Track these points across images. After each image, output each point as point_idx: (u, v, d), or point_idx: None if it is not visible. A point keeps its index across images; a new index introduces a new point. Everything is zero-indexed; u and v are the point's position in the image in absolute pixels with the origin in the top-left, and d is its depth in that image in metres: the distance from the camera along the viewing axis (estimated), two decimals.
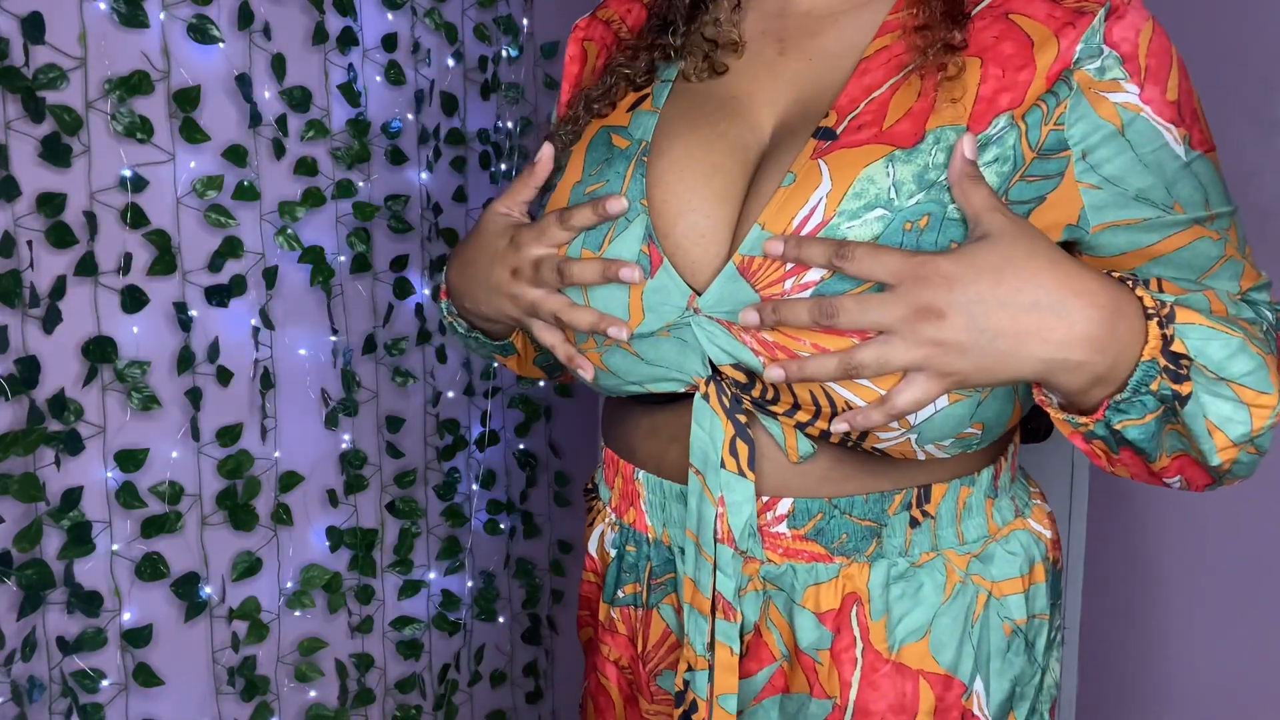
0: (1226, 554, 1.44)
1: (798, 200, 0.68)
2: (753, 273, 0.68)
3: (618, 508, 0.84)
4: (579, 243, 0.75)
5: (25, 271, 1.21)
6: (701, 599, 0.74)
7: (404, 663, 1.76)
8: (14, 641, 1.24)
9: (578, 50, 0.89)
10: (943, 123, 0.68)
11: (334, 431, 1.59)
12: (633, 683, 0.85)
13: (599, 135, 0.78)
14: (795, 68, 0.76)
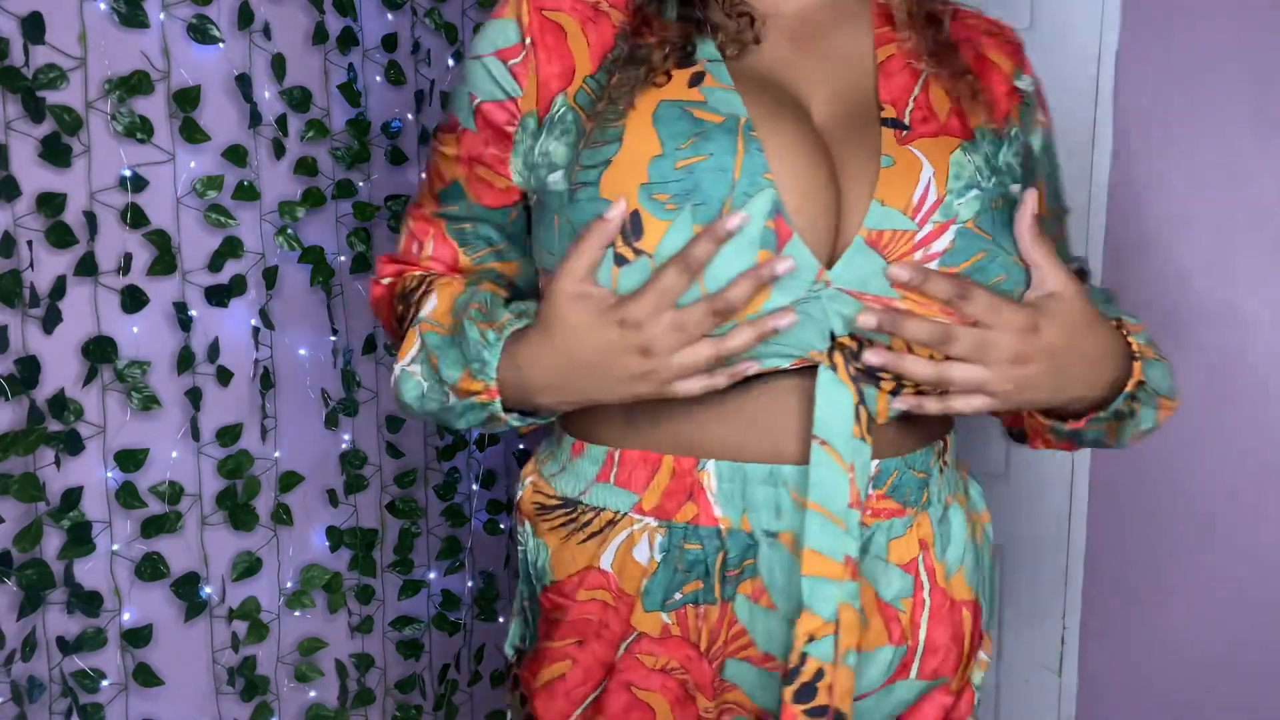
0: (1226, 554, 1.44)
1: (909, 179, 0.75)
2: (883, 246, 0.74)
3: (659, 509, 0.79)
4: (686, 218, 0.72)
5: (25, 271, 1.21)
6: (831, 565, 0.74)
7: (404, 663, 1.76)
8: (14, 641, 1.24)
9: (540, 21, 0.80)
10: (979, 122, 0.81)
11: (334, 431, 1.59)
12: (686, 684, 0.82)
13: (668, 109, 0.76)
14: (815, 65, 0.81)
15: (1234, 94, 1.37)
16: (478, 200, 0.87)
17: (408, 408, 0.85)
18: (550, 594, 0.87)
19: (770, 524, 0.78)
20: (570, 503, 0.85)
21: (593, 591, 0.83)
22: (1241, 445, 1.41)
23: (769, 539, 0.78)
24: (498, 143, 0.84)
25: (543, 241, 0.83)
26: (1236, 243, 1.39)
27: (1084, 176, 1.48)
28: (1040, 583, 1.58)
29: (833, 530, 0.74)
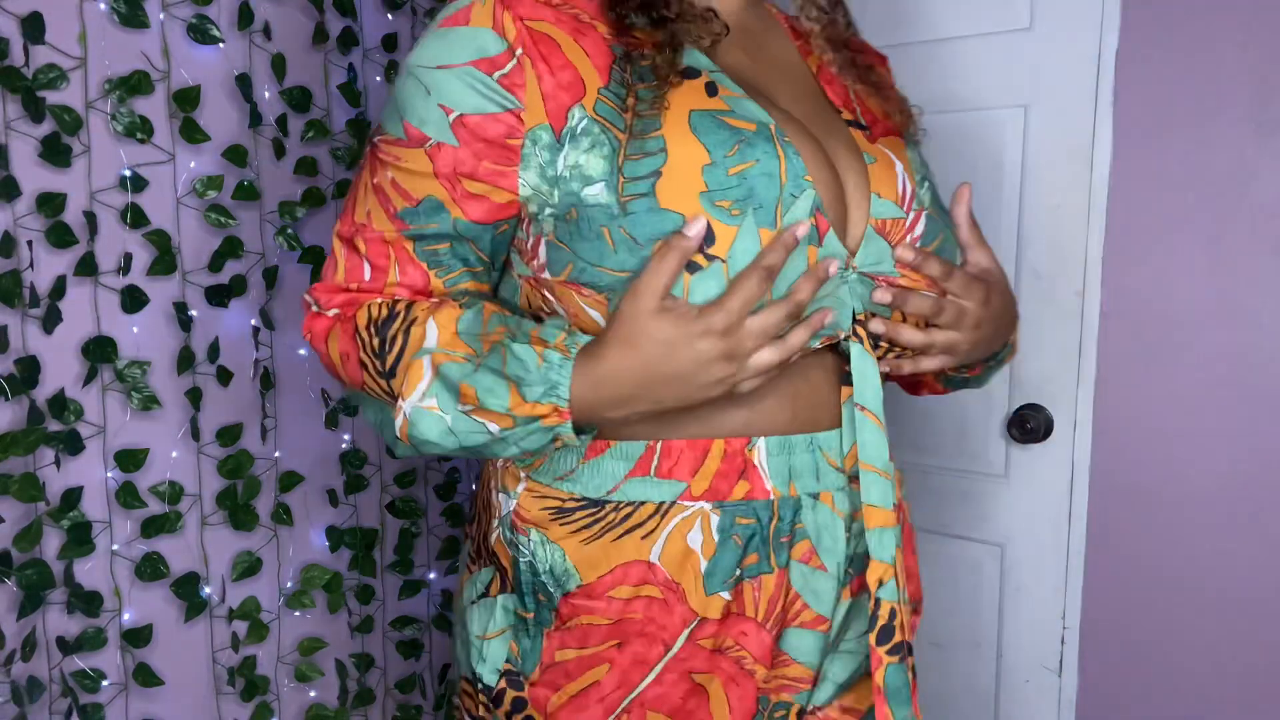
0: (1226, 554, 1.44)
1: (892, 174, 0.86)
2: (887, 232, 0.85)
3: (711, 491, 0.81)
4: (751, 222, 0.77)
5: (25, 271, 1.21)
6: (886, 515, 0.82)
7: (404, 662, 1.76)
8: (14, 641, 1.24)
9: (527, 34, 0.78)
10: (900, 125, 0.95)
11: (334, 431, 1.59)
12: (741, 660, 0.84)
13: (702, 118, 0.78)
14: (769, 71, 0.88)
15: (1234, 94, 1.37)
16: (464, 215, 0.81)
17: (428, 446, 0.80)
18: (576, 599, 0.83)
19: (812, 487, 0.84)
20: (596, 503, 0.83)
21: (638, 588, 0.82)
22: (1241, 445, 1.41)
23: (811, 500, 0.84)
24: (495, 156, 0.79)
25: (584, 254, 0.79)
26: (1236, 243, 1.39)
27: (1084, 176, 1.48)
28: (1040, 583, 1.58)
29: (882, 484, 0.83)
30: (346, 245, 0.85)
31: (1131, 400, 1.48)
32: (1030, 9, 1.51)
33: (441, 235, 0.82)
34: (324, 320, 0.86)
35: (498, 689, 0.87)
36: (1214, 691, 1.46)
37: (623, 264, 0.77)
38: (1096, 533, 1.53)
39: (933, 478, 1.68)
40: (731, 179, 0.76)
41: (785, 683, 0.87)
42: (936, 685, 1.71)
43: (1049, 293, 1.53)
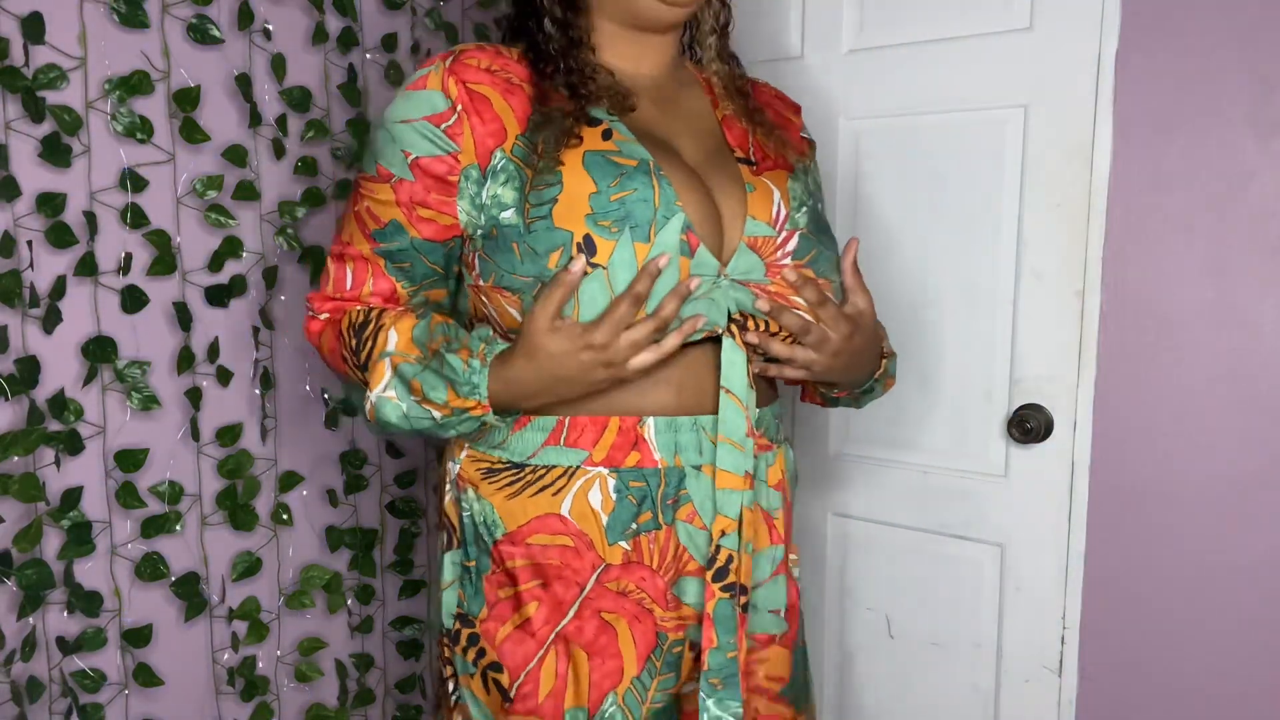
0: (1226, 554, 1.44)
1: (767, 200, 1.05)
2: (758, 248, 1.03)
3: (609, 459, 1.01)
4: (627, 237, 0.96)
5: (25, 271, 1.21)
6: (736, 479, 1.01)
7: (404, 663, 1.76)
8: (14, 641, 1.24)
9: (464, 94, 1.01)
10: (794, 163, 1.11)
11: (334, 431, 1.59)
12: (642, 601, 1.03)
13: (593, 156, 0.99)
14: (675, 121, 1.08)
15: (1234, 94, 1.37)
16: (419, 235, 1.04)
17: (389, 426, 1.02)
18: (504, 545, 1.04)
19: (695, 460, 1.02)
20: (517, 465, 1.03)
21: (555, 537, 1.02)
22: (1241, 445, 1.41)
23: (695, 471, 1.02)
24: (439, 189, 1.02)
25: (501, 264, 1.01)
26: (1236, 243, 1.39)
27: (1084, 176, 1.48)
28: (1040, 583, 1.58)
29: (736, 454, 1.00)
30: (336, 261, 1.10)
31: (1131, 400, 1.48)
32: (1030, 9, 1.51)
33: (403, 252, 1.05)
34: (318, 323, 1.11)
35: (454, 629, 1.08)
36: (1214, 691, 1.46)
37: (528, 271, 0.98)
38: (1096, 533, 1.53)
39: (933, 478, 1.68)
40: (613, 204, 0.96)
41: (680, 622, 1.04)
42: (936, 685, 1.71)
43: (1049, 293, 1.53)
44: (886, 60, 1.65)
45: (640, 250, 0.96)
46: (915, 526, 1.71)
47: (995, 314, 1.59)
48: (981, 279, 1.59)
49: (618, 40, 1.08)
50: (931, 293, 1.64)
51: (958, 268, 1.61)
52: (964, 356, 1.63)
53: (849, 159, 1.70)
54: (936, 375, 1.66)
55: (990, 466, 1.62)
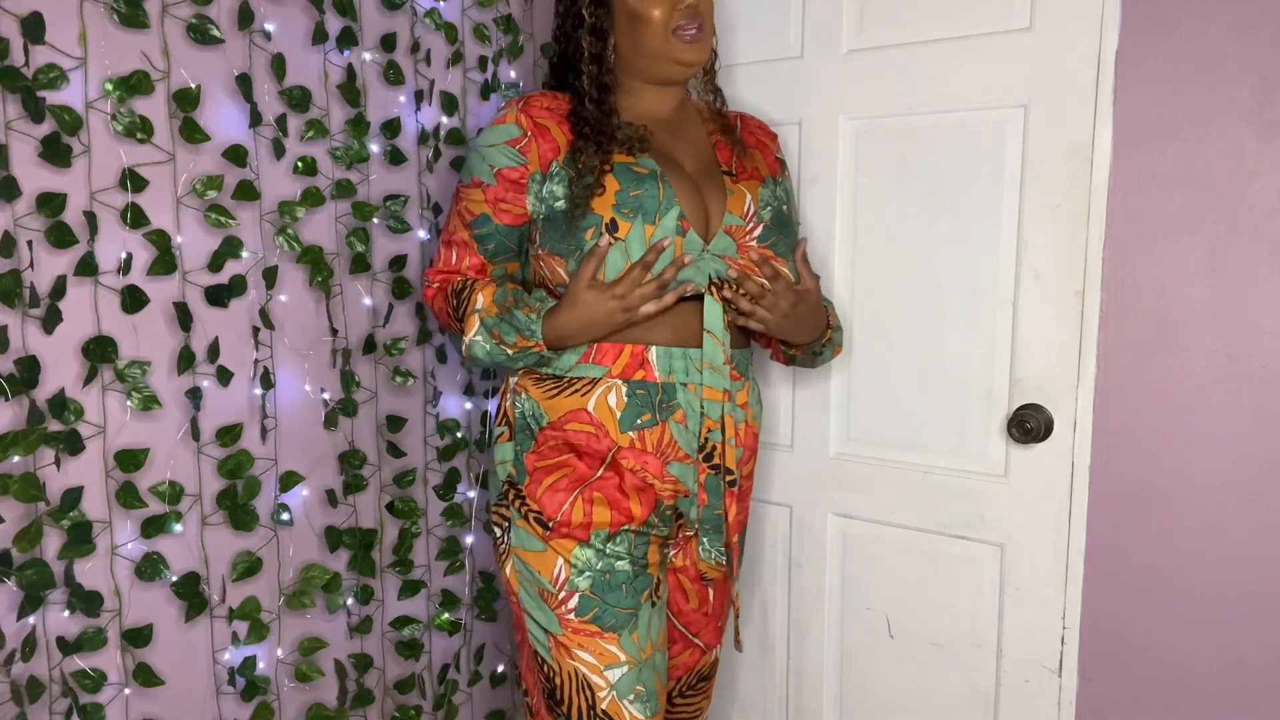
0: (1226, 554, 1.44)
1: (741, 201, 1.44)
2: (732, 233, 1.42)
3: (623, 373, 1.39)
4: (639, 220, 1.36)
5: (25, 271, 1.21)
6: (716, 393, 1.40)
7: (403, 663, 1.76)
8: (14, 641, 1.24)
9: (532, 125, 1.42)
10: (765, 175, 1.51)
11: (334, 431, 1.59)
12: (645, 477, 1.41)
13: (620, 168, 1.39)
14: (681, 144, 1.48)
15: (1234, 94, 1.37)
16: (500, 222, 1.45)
17: (477, 360, 1.43)
18: (546, 430, 1.42)
19: (683, 379, 1.40)
20: (558, 377, 1.42)
21: (582, 425, 1.40)
22: (1241, 445, 1.41)
23: (683, 387, 1.40)
24: (514, 189, 1.43)
25: (554, 236, 1.40)
26: (1236, 243, 1.39)
27: (1084, 176, 1.48)
28: (1040, 583, 1.58)
29: (715, 376, 1.40)
30: (444, 245, 1.51)
31: (1131, 400, 1.48)
32: (1030, 9, 1.51)
33: (489, 235, 1.46)
34: (431, 290, 1.51)
35: (505, 492, 1.46)
36: (1214, 691, 1.46)
37: (570, 241, 1.38)
38: (1096, 533, 1.53)
39: (933, 478, 1.68)
40: (631, 198, 1.36)
41: (673, 491, 1.43)
42: (936, 685, 1.71)
43: (1049, 293, 1.53)
44: (886, 60, 1.65)
45: (648, 230, 1.35)
46: (915, 526, 1.71)
47: (995, 314, 1.59)
48: (981, 279, 1.59)
49: (643, 91, 1.48)
50: (931, 293, 1.64)
51: (958, 268, 1.61)
52: (964, 356, 1.63)
53: (849, 159, 1.70)
54: (936, 375, 1.66)
55: (990, 466, 1.62)
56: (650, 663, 1.40)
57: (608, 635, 1.38)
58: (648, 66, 1.43)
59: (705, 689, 1.61)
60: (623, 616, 1.38)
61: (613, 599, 1.38)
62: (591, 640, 1.38)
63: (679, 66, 1.41)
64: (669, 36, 1.39)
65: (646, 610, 1.41)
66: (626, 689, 1.38)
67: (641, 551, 1.41)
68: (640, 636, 1.40)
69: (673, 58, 1.40)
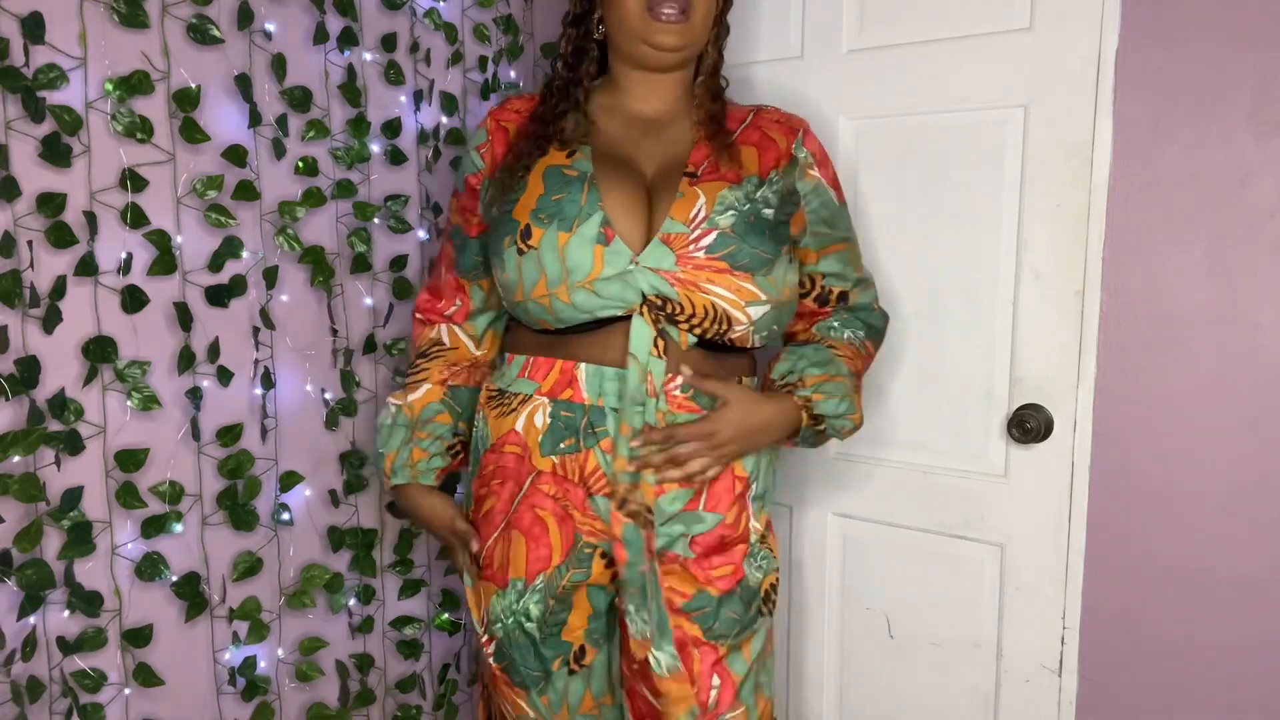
0: (1226, 554, 1.44)
1: (690, 205, 1.27)
2: (671, 241, 1.25)
3: (551, 391, 1.30)
4: (554, 227, 1.25)
5: (25, 271, 1.21)
6: (627, 429, 1.25)
7: (404, 662, 1.76)
8: (14, 641, 1.24)
9: (496, 128, 1.39)
10: (747, 174, 1.31)
11: (334, 431, 1.59)
12: (566, 507, 1.30)
13: (550, 169, 1.30)
14: (654, 147, 1.34)
15: (1234, 94, 1.37)
16: (469, 234, 1.42)
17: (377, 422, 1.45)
18: (489, 454, 1.36)
19: (613, 402, 1.27)
20: (502, 392, 1.35)
21: (512, 446, 1.32)
22: (1241, 445, 1.41)
23: (612, 412, 1.27)
24: (472, 196, 1.40)
25: (489, 241, 1.36)
26: (1236, 243, 1.39)
27: (1084, 176, 1.48)
28: (1040, 583, 1.58)
29: (633, 410, 1.25)
30: (436, 257, 1.51)
31: (1131, 400, 1.48)
32: (1030, 9, 1.51)
33: (462, 247, 1.43)
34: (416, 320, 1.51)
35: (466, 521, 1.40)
36: (1214, 691, 1.46)
37: (494, 249, 1.33)
38: (1096, 533, 1.53)
39: (933, 478, 1.68)
40: (551, 203, 1.26)
41: (593, 530, 1.31)
42: (936, 685, 1.71)
43: (1049, 293, 1.53)
44: (886, 60, 1.65)
45: (561, 237, 1.25)
46: (915, 526, 1.71)
47: (995, 314, 1.59)
48: (981, 279, 1.59)
49: (633, 81, 1.37)
50: (931, 293, 1.64)
51: (958, 268, 1.61)
52: (964, 356, 1.63)
53: (849, 159, 1.70)
54: (936, 375, 1.66)
55: (990, 466, 1.62)
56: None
57: (518, 690, 1.35)
58: (625, 46, 1.32)
59: None
60: (531, 676, 1.34)
61: (518, 657, 1.33)
62: (507, 689, 1.36)
63: (653, 50, 1.29)
64: (644, 15, 1.27)
65: (562, 677, 1.34)
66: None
67: (559, 616, 1.32)
68: (552, 700, 1.34)
69: (647, 39, 1.28)
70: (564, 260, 1.24)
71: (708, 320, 1.26)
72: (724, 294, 1.25)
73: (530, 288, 1.27)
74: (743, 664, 1.30)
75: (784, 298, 1.32)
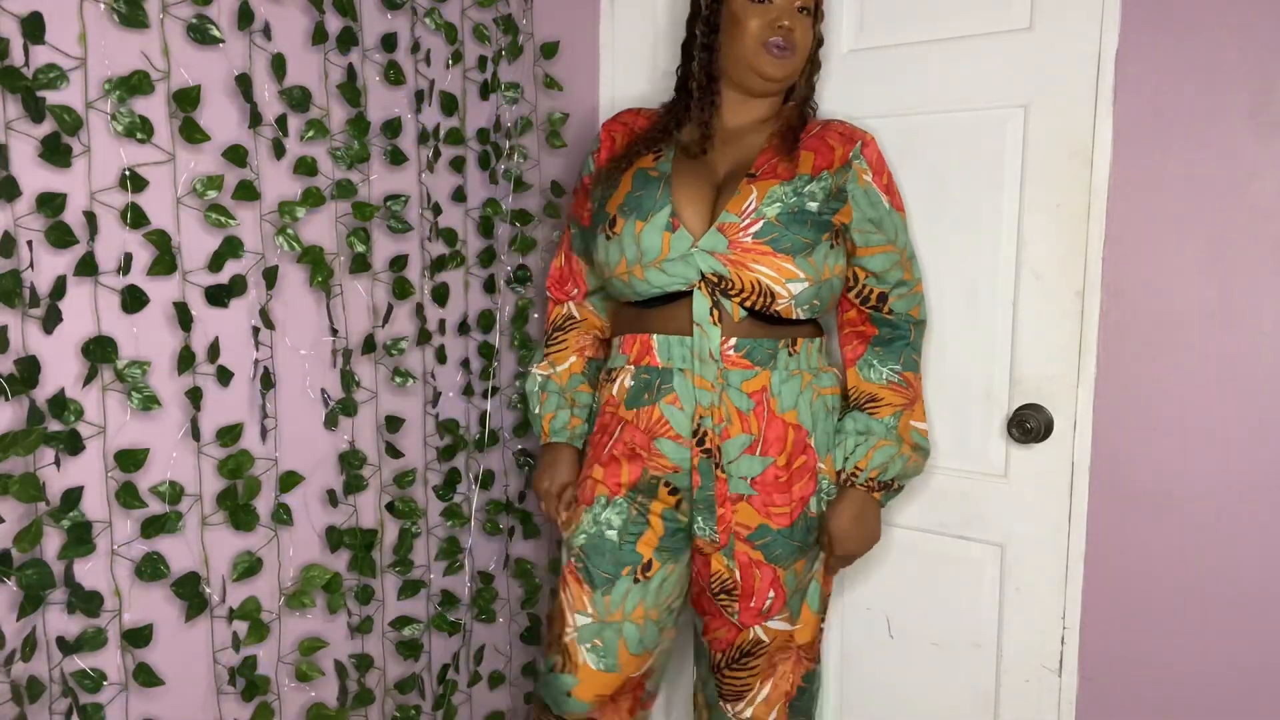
0: (1226, 554, 1.44)
1: (744, 199, 1.47)
2: (725, 229, 1.46)
3: (635, 360, 1.54)
4: (634, 217, 1.50)
5: (25, 271, 1.21)
6: (705, 382, 1.48)
7: (403, 663, 1.76)
8: (14, 641, 1.24)
9: (606, 137, 1.65)
10: (800, 174, 1.49)
11: (334, 431, 1.59)
12: (630, 448, 1.55)
13: (639, 171, 1.54)
14: (731, 152, 1.55)
15: (1234, 94, 1.37)
16: (583, 224, 1.66)
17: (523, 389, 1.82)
18: (600, 418, 1.61)
19: (680, 364, 1.50)
20: (610, 370, 1.61)
21: (610, 407, 1.58)
22: (1241, 445, 1.41)
23: (680, 373, 1.50)
24: (584, 193, 1.65)
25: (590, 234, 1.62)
26: (1236, 243, 1.39)
27: (1084, 176, 1.48)
28: (1040, 583, 1.58)
29: (704, 365, 1.48)
30: (559, 245, 1.75)
31: (1131, 400, 1.48)
32: (1030, 9, 1.51)
33: (575, 236, 1.69)
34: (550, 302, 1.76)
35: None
36: (1214, 691, 1.46)
37: (592, 232, 1.59)
38: (1096, 533, 1.53)
39: (933, 478, 1.68)
40: (634, 199, 1.51)
41: (658, 465, 1.53)
42: (936, 685, 1.71)
43: (1049, 293, 1.53)
44: (886, 60, 1.65)
45: (638, 226, 1.49)
46: (915, 526, 1.71)
47: (995, 314, 1.59)
48: (981, 279, 1.59)
49: (730, 101, 1.57)
50: (931, 293, 1.64)
51: (957, 268, 1.61)
52: (964, 356, 1.63)
53: None
54: (936, 375, 1.66)
55: (990, 466, 1.62)
56: (616, 627, 1.54)
57: (585, 587, 1.55)
58: (736, 71, 1.51)
59: (753, 666, 1.59)
60: (600, 578, 1.54)
61: (595, 561, 1.55)
62: (576, 586, 1.57)
63: (760, 79, 1.50)
64: (759, 48, 1.48)
65: (625, 583, 1.54)
66: (586, 637, 1.55)
67: (636, 529, 1.55)
68: (612, 602, 1.54)
69: (756, 68, 1.49)
70: (639, 244, 1.49)
71: (754, 294, 1.46)
72: (767, 272, 1.45)
73: (614, 266, 1.52)
74: (794, 579, 1.55)
75: (824, 277, 1.49)
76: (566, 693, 1.56)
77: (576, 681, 1.55)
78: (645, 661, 1.59)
